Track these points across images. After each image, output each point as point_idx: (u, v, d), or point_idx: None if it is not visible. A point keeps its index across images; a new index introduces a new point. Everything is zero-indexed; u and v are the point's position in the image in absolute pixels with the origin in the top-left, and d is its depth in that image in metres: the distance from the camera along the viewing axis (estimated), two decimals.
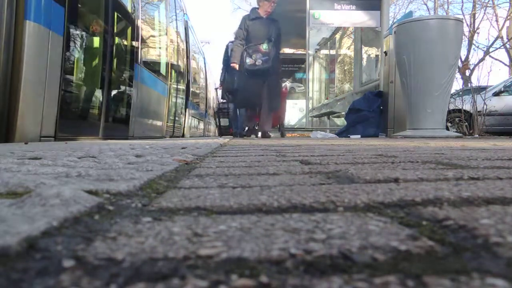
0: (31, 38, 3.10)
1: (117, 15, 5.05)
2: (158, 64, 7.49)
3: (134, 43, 5.72)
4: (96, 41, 4.51)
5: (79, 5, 4.01)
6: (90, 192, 0.63)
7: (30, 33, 3.09)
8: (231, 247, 0.36)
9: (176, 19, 9.01)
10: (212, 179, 0.86)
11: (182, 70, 9.96)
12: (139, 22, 5.94)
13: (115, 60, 5.00)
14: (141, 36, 6.04)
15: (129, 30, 5.55)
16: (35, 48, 3.17)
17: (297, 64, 13.22)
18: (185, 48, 10.46)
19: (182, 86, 10.11)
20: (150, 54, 6.95)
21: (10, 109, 3.03)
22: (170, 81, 8.50)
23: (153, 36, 7.28)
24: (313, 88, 11.79)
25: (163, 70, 7.79)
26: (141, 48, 6.02)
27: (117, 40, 5.10)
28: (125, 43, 5.52)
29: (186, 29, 10.70)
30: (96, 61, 4.53)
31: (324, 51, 12.25)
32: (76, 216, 0.47)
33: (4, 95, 2.99)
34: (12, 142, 2.98)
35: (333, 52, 11.69)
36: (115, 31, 5.01)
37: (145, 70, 6.26)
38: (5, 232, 0.37)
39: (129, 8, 5.63)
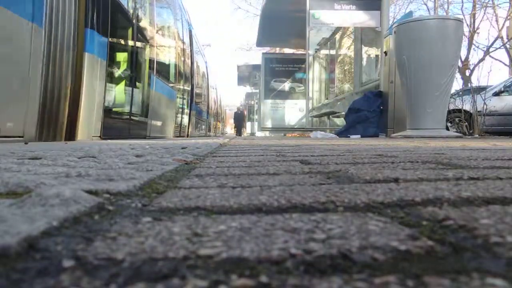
0: (87, 65, 4.18)
1: (142, 38, 6.31)
2: (168, 73, 8.44)
3: (151, 58, 6.86)
4: (127, 61, 5.68)
5: (115, 35, 5.06)
6: (90, 192, 0.63)
7: (87, 61, 4.17)
8: (231, 247, 0.36)
9: (183, 33, 9.99)
10: (212, 179, 0.86)
11: (187, 75, 10.79)
12: (156, 41, 7.18)
13: (139, 75, 6.22)
14: (156, 52, 7.25)
15: (148, 49, 6.72)
16: (90, 72, 4.23)
17: (297, 64, 13.23)
18: (190, 55, 11.45)
19: (187, 91, 10.94)
20: (162, 65, 7.91)
21: (74, 118, 4.11)
22: (178, 87, 9.37)
23: (165, 50, 8.26)
24: (313, 88, 11.79)
25: (172, 78, 8.72)
26: (156, 62, 7.15)
27: (140, 58, 6.31)
28: (146, 59, 6.62)
29: (191, 37, 11.97)
30: (127, 76, 5.70)
31: (324, 51, 12.25)
32: (76, 216, 0.47)
33: (72, 107, 4.10)
34: (74, 140, 3.97)
35: (333, 52, 11.69)
36: (139, 51, 6.19)
37: (159, 80, 7.33)
38: (5, 232, 0.37)
39: (150, 33, 6.77)
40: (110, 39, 4.67)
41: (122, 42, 5.51)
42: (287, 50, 16.28)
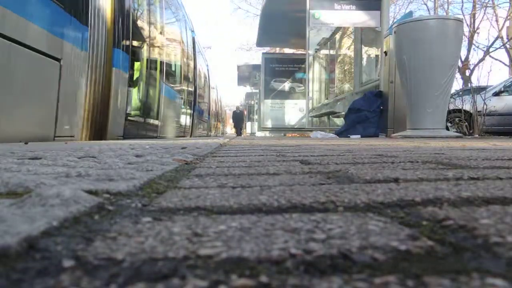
0: (114, 78, 5.03)
1: (154, 51, 7.21)
2: (174, 78, 9.22)
3: (161, 67, 7.72)
4: (143, 73, 6.53)
5: (134, 51, 5.90)
6: (90, 192, 0.63)
7: (114, 75, 5.03)
8: (231, 247, 0.36)
9: (187, 41, 10.72)
10: (212, 179, 0.86)
11: (190, 79, 11.52)
12: (165, 52, 8.04)
13: (152, 83, 7.08)
14: (165, 61, 8.09)
15: (159, 59, 7.58)
16: (116, 84, 5.10)
17: (297, 64, 13.24)
18: (193, 61, 12.24)
19: (190, 94, 11.63)
20: (170, 72, 8.67)
21: (104, 121, 4.95)
22: (182, 90, 10.05)
23: (172, 58, 9.01)
24: (313, 88, 11.79)
25: (177, 83, 9.49)
26: (165, 69, 7.99)
27: (153, 69, 7.17)
28: (157, 68, 7.48)
29: (193, 44, 12.50)
30: (143, 85, 6.62)
31: (324, 51, 12.25)
32: (76, 216, 0.47)
33: (104, 113, 4.94)
34: (105, 140, 4.62)
35: (333, 52, 11.69)
36: (152, 63, 7.02)
37: (167, 86, 8.23)
38: (5, 232, 0.37)
39: (161, 45, 7.59)
40: (131, 55, 5.66)
41: (140, 56, 6.43)
42: (287, 50, 16.29)
